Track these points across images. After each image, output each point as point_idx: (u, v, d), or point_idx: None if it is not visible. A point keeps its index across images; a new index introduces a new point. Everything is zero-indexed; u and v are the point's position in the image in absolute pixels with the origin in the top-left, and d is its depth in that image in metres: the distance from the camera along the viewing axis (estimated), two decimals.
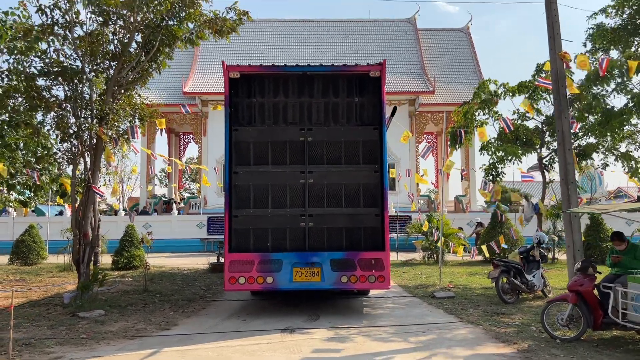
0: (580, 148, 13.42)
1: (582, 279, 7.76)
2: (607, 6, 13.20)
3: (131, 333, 8.23)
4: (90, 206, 11.04)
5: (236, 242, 9.41)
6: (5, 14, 13.47)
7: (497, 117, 13.20)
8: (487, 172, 13.54)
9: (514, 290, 10.94)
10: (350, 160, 9.69)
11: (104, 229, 18.81)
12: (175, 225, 26.47)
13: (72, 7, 11.32)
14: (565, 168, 8.96)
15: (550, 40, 9.36)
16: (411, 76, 34.78)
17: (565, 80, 9.16)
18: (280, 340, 7.75)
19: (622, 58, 12.12)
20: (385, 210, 9.51)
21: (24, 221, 22.58)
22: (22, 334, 8.09)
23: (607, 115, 12.06)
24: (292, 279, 9.26)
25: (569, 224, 9.03)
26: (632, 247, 7.90)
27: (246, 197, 9.54)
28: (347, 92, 9.86)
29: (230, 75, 9.67)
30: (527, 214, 14.50)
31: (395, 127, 17.63)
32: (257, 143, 9.69)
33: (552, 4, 9.31)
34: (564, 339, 7.58)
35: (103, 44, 11.47)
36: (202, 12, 11.82)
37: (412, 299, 11.48)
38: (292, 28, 38.14)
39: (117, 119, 11.58)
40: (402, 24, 38.80)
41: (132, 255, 16.95)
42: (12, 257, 18.80)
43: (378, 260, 9.34)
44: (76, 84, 11.42)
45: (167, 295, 11.78)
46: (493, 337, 7.90)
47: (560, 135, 9.00)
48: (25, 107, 11.88)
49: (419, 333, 8.22)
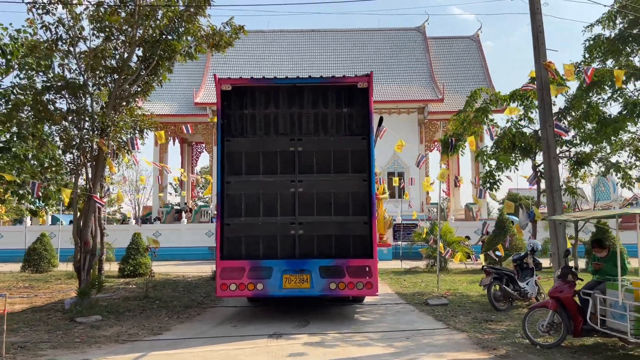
0: (578, 156, 13.43)
1: (562, 285, 7.84)
2: (602, 18, 13.27)
3: (123, 337, 8.52)
4: (92, 215, 11.42)
5: (228, 250, 9.67)
6: (17, 31, 14.12)
7: (493, 125, 13.30)
8: (484, 180, 13.62)
9: (506, 297, 10.99)
10: (339, 169, 9.90)
11: (113, 237, 19.34)
12: (184, 233, 26.91)
13: (76, 24, 11.81)
14: (550, 176, 9.04)
15: (535, 51, 9.49)
16: (420, 84, 34.94)
17: (549, 89, 9.26)
18: (265, 346, 7.96)
19: (616, 67, 12.16)
20: (373, 218, 9.70)
21: (36, 230, 23.23)
22: (20, 338, 8.43)
23: (602, 123, 12.09)
24: (281, 285, 9.48)
25: (554, 231, 9.10)
26: (613, 254, 7.94)
27: (238, 206, 9.81)
28: (336, 103, 10.10)
29: (222, 87, 9.99)
30: (523, 222, 14.50)
31: (402, 137, 17.75)
32: (248, 153, 9.97)
33: (537, 15, 9.44)
34: (544, 345, 7.65)
35: (105, 59, 11.90)
36: (201, 27, 12.23)
37: (406, 306, 11.60)
38: (302, 39, 38.60)
39: (118, 130, 11.98)
40: (411, 32, 39.01)
41: (138, 262, 17.33)
42: (24, 265, 19.36)
43: (366, 268, 9.51)
44: (79, 98, 11.88)
45: (166, 302, 12.08)
46: (475, 343, 8.01)
47: (545, 143, 9.10)
48: (32, 121, 12.37)
49: (402, 339, 8.36)
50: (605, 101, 13.23)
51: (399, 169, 33.49)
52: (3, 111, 12.84)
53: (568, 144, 13.25)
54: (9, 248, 24.94)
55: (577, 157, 13.40)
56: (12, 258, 22.98)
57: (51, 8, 11.59)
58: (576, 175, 13.90)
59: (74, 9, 11.75)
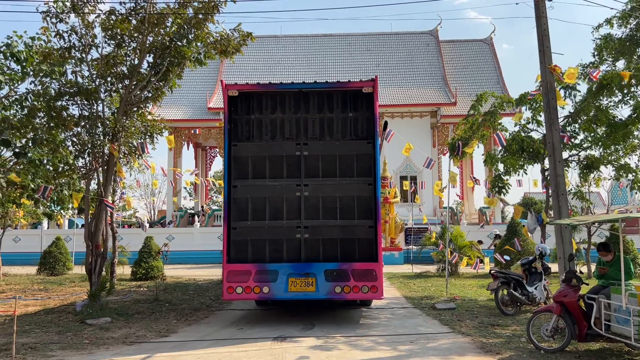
0: (588, 160, 13.31)
1: (567, 289, 7.79)
2: (612, 17, 13.15)
3: (131, 339, 8.67)
4: (103, 218, 11.64)
5: (234, 253, 9.78)
6: (32, 39, 14.45)
7: (501, 129, 13.25)
8: (492, 184, 13.55)
9: (514, 302, 10.93)
10: (344, 173, 9.97)
11: (127, 240, 19.64)
12: (197, 237, 27.16)
13: (88, 32, 12.07)
14: (555, 180, 9.00)
15: (540, 54, 9.47)
16: (433, 88, 34.88)
17: (555, 92, 9.23)
18: (269, 348, 8.03)
19: (626, 70, 12.04)
20: (378, 222, 9.74)
21: (52, 233, 23.66)
22: (31, 339, 8.63)
23: (612, 127, 11.98)
24: (287, 289, 9.56)
25: (560, 235, 9.05)
26: (618, 258, 7.88)
27: (244, 210, 9.93)
28: (342, 107, 10.17)
29: (229, 93, 10.13)
30: (531, 226, 14.41)
31: (414, 141, 17.76)
32: (255, 157, 10.09)
33: (542, 19, 9.42)
34: (548, 349, 7.61)
35: (116, 65, 12.14)
36: (210, 33, 12.41)
37: (413, 310, 11.59)
38: (315, 43, 38.79)
39: (129, 135, 12.21)
40: (424, 36, 38.97)
41: (150, 266, 17.55)
42: (39, 268, 19.74)
43: (371, 271, 9.55)
44: (91, 104, 12.13)
45: (175, 305, 12.24)
46: (478, 347, 7.99)
47: (551, 147, 9.06)
48: (46, 126, 12.65)
49: (406, 342, 8.37)
50: (616, 104, 13.10)
51: (411, 173, 33.45)
52: (19, 117, 13.16)
53: (577, 147, 13.14)
54: (26, 252, 25.44)
55: (587, 160, 13.28)
56: (29, 261, 23.45)
57: (64, 17, 11.88)
58: (586, 179, 13.78)
59: (86, 18, 12.02)
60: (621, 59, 13.33)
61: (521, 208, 15.66)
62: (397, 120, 33.71)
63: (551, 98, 9.22)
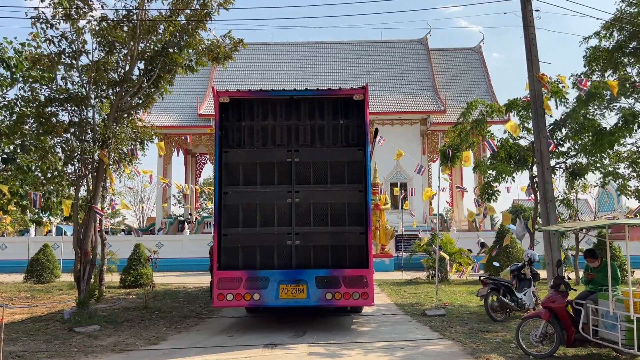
0: (574, 167, 13.47)
1: (555, 295, 7.87)
2: (600, 30, 13.39)
3: (120, 347, 8.60)
4: (92, 225, 11.56)
5: (225, 260, 9.76)
6: (21, 45, 14.38)
7: (490, 137, 13.38)
8: (482, 191, 13.66)
9: (504, 308, 10.99)
10: (335, 180, 10.00)
11: (115, 247, 19.48)
12: (186, 244, 27.02)
13: (79, 37, 12.04)
14: (544, 187, 9.11)
15: (528, 62, 9.61)
16: (423, 96, 35.12)
17: (543, 100, 9.37)
18: (259, 355, 8.01)
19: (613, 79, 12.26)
20: (368, 229, 9.77)
21: (40, 241, 23.41)
22: (19, 347, 8.53)
23: (598, 135, 12.15)
24: (278, 296, 9.55)
25: (549, 241, 9.14)
26: (605, 264, 7.97)
27: (235, 217, 9.91)
28: (332, 114, 10.23)
29: (220, 100, 10.15)
30: (519, 233, 14.52)
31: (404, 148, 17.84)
32: (246, 164, 10.09)
33: (530, 28, 9.57)
34: (537, 355, 7.67)
35: (107, 72, 12.11)
36: (201, 40, 12.44)
37: (403, 317, 11.62)
38: (306, 50, 38.93)
39: (119, 142, 12.16)
40: (414, 44, 39.28)
41: (140, 273, 17.42)
42: (26, 276, 19.51)
43: (362, 278, 9.57)
44: (81, 110, 12.08)
45: (165, 312, 12.16)
46: (468, 352, 8.03)
47: (539, 154, 9.18)
48: (35, 132, 12.57)
49: (397, 349, 8.38)
50: (602, 112, 13.30)
51: (401, 180, 33.58)
52: (7, 123, 13.07)
53: (564, 155, 13.31)
54: (13, 259, 25.14)
55: (574, 168, 13.44)
56: (16, 269, 23.19)
57: (55, 22, 11.84)
58: (572, 187, 13.94)
59: (77, 23, 11.99)
60: (609, 69, 13.57)
61: (509, 215, 15.77)
62: (388, 127, 33.87)
63: (539, 106, 9.35)
